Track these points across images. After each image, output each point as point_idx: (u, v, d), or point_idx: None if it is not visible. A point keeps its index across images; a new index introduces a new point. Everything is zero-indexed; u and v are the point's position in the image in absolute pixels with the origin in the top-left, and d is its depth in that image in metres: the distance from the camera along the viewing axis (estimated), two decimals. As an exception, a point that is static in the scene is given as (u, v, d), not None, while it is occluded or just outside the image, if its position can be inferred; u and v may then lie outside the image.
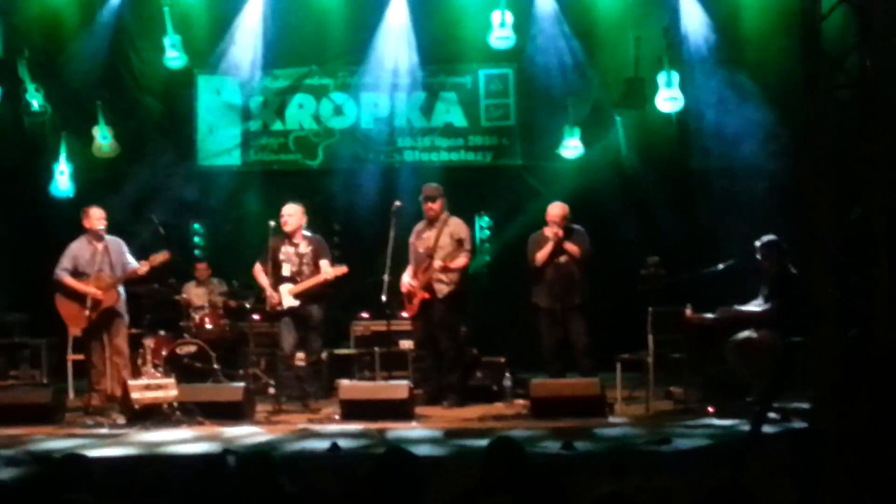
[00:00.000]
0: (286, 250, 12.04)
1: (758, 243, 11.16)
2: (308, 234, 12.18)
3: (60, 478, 6.24)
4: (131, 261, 12.07)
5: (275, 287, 11.96)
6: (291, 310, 11.96)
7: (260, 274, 12.21)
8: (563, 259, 11.99)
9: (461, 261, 11.86)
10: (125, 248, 12.18)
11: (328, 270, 11.94)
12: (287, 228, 12.04)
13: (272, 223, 12.03)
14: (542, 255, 12.00)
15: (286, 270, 11.96)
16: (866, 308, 8.00)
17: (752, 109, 14.18)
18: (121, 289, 12.09)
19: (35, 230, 14.77)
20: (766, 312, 10.91)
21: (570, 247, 11.96)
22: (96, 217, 12.02)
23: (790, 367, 10.31)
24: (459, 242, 11.86)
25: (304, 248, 12.09)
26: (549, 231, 12.00)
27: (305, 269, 12.04)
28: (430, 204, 12.00)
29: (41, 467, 7.96)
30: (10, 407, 11.29)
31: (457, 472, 7.98)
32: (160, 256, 11.93)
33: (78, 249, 12.00)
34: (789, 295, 10.73)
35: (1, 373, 13.61)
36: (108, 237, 12.06)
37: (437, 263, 11.75)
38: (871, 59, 8.20)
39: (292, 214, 12.11)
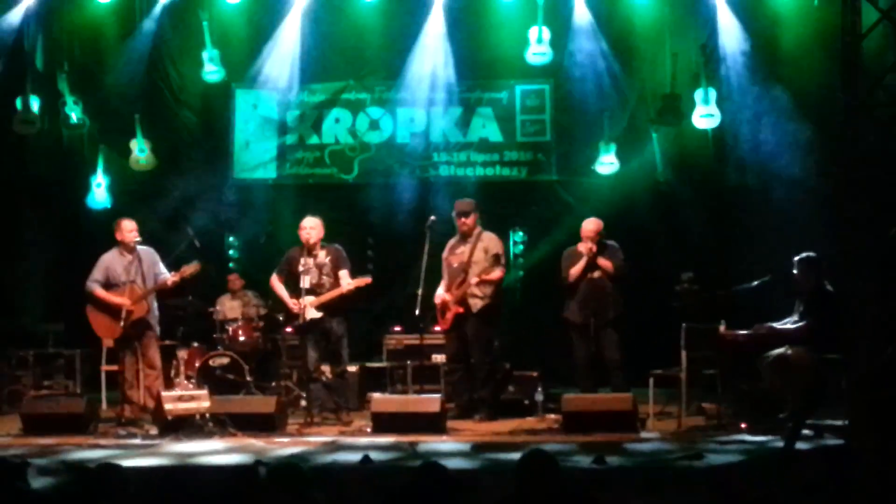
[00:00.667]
0: (305, 262, 11.99)
1: (795, 259, 11.09)
2: (327, 244, 12.17)
3: (96, 487, 6.26)
4: (163, 271, 12.09)
5: (294, 298, 11.96)
6: (313, 322, 11.94)
7: (277, 285, 12.22)
8: (596, 274, 11.99)
9: (496, 273, 11.84)
10: (157, 259, 12.19)
11: (349, 281, 11.89)
12: (310, 241, 12.04)
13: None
14: (575, 271, 11.99)
15: (305, 282, 11.89)
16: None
17: (790, 126, 14.12)
18: (153, 300, 12.10)
19: (72, 242, 14.87)
20: (800, 329, 10.84)
21: (604, 262, 11.94)
22: (128, 229, 12.04)
23: (824, 384, 10.28)
24: (496, 257, 11.85)
25: (324, 258, 12.06)
26: (582, 247, 11.99)
27: (325, 281, 12.00)
28: (463, 219, 12.00)
29: (75, 476, 7.97)
30: (44, 416, 11.36)
31: (488, 486, 7.96)
32: (191, 268, 11.93)
33: (110, 261, 12.04)
34: (824, 312, 10.67)
35: (35, 383, 13.67)
36: (140, 248, 12.07)
37: (474, 279, 11.74)
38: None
39: (314, 227, 12.11)
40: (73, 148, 15.28)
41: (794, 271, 11.08)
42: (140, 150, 14.95)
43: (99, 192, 14.93)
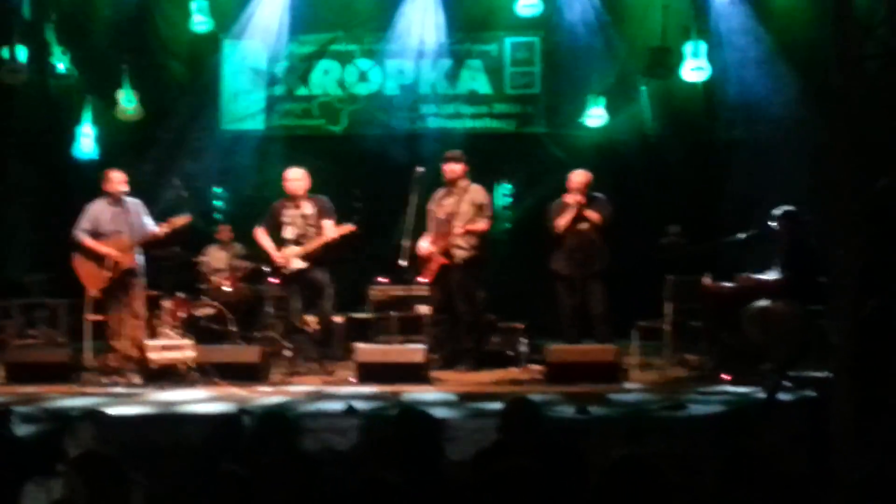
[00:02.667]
0: (290, 213, 11.98)
1: (775, 212, 11.09)
2: (312, 195, 12.12)
3: (79, 434, 6.26)
4: (150, 223, 12.03)
5: (279, 250, 11.92)
6: (298, 273, 11.90)
7: (262, 237, 12.20)
8: (583, 226, 11.98)
9: (482, 225, 11.82)
10: (144, 211, 12.12)
11: (333, 230, 11.87)
12: (296, 192, 12.00)
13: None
14: (562, 222, 11.98)
15: (290, 233, 11.92)
16: (887, 278, 7.96)
17: (780, 79, 14.10)
18: (139, 251, 12.06)
19: (58, 192, 14.78)
20: (779, 281, 10.86)
21: (591, 214, 11.93)
22: (117, 180, 11.96)
23: (807, 336, 10.30)
24: (480, 208, 11.82)
25: (309, 209, 12.04)
26: (570, 198, 11.98)
27: (310, 231, 11.99)
28: (451, 165, 11.97)
29: (58, 424, 7.97)
30: (29, 365, 11.37)
31: (472, 434, 7.98)
32: (181, 219, 11.89)
33: (97, 210, 11.98)
34: (802, 265, 10.68)
35: (20, 332, 13.62)
36: (128, 199, 12.00)
37: (458, 230, 11.72)
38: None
39: (299, 179, 12.09)
40: (61, 98, 15.14)
41: (774, 224, 11.08)
42: (127, 101, 14.85)
43: (86, 143, 14.83)
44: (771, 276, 11.06)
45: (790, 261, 10.89)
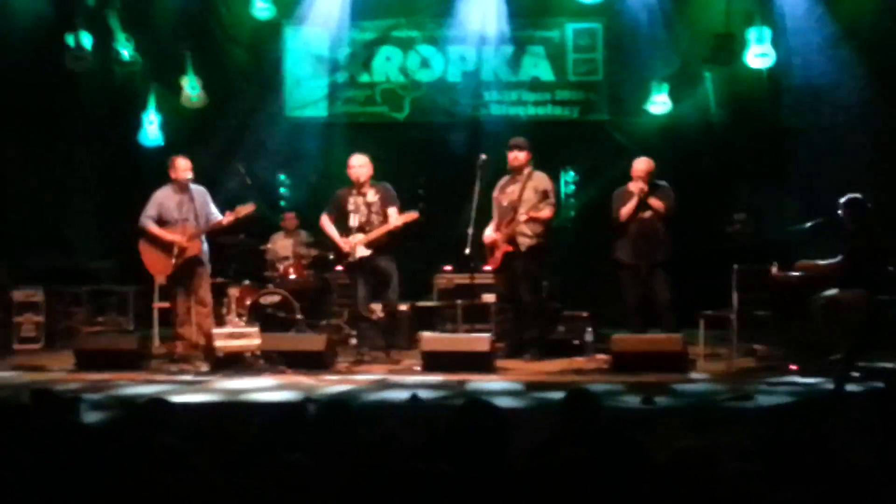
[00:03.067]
0: (354, 200, 11.99)
1: (840, 200, 10.99)
2: (375, 182, 12.15)
3: (145, 422, 6.31)
4: (215, 211, 12.09)
5: (344, 237, 11.97)
6: (363, 261, 11.95)
7: (328, 225, 12.18)
8: (647, 215, 11.92)
9: (546, 212, 11.77)
10: (209, 199, 12.18)
11: (397, 217, 11.89)
12: (359, 179, 12.02)
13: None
14: (626, 210, 11.93)
15: (354, 221, 11.90)
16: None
17: (845, 65, 13.96)
18: (204, 239, 12.14)
19: (124, 179, 14.88)
20: (843, 269, 10.78)
21: (655, 202, 11.87)
22: (182, 167, 12.00)
23: (877, 326, 10.20)
24: (544, 194, 11.75)
25: (372, 196, 12.02)
26: (633, 186, 11.93)
27: (374, 219, 11.96)
28: (516, 153, 11.94)
29: (126, 411, 8.04)
30: (98, 352, 11.50)
31: (536, 425, 7.95)
32: (246, 208, 11.93)
33: (163, 197, 12.05)
34: (867, 253, 10.57)
35: (89, 319, 13.79)
36: (193, 187, 12.05)
37: (523, 217, 11.69)
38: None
39: (363, 165, 12.06)
40: (125, 86, 15.25)
41: (839, 212, 10.98)
42: (191, 88, 14.95)
43: (151, 130, 14.96)
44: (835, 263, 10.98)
45: (855, 249, 10.80)
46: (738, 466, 5.40)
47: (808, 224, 11.38)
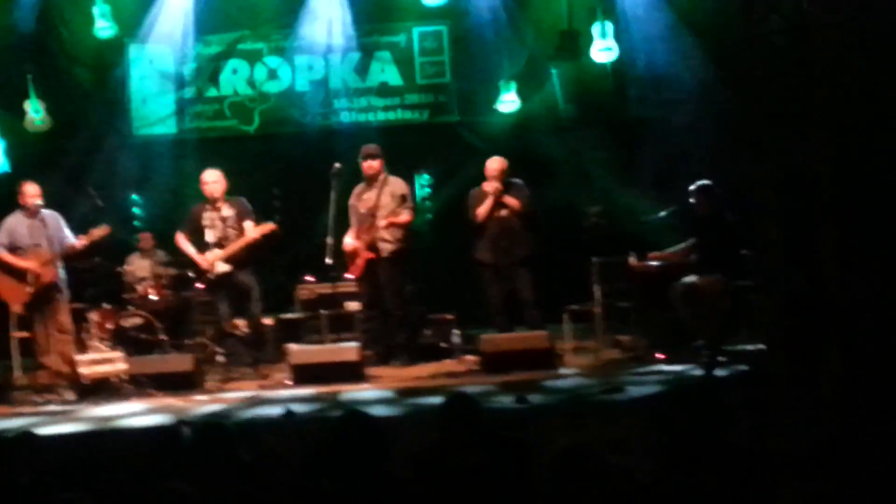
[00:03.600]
0: (209, 216, 11.91)
1: (690, 188, 11.22)
2: (230, 197, 12.05)
3: (13, 457, 6.19)
4: (69, 235, 11.89)
5: (202, 254, 11.85)
6: (223, 276, 11.83)
7: (183, 242, 12.10)
8: (504, 213, 12.00)
9: (405, 216, 11.83)
10: (63, 223, 11.98)
11: (253, 230, 11.81)
12: (213, 195, 11.92)
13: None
14: (482, 210, 11.99)
15: (211, 236, 11.83)
16: (812, 252, 8.08)
17: (688, 56, 14.21)
18: (60, 264, 11.91)
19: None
20: (682, 250, 11.06)
21: (511, 200, 11.96)
22: (31, 193, 11.78)
23: (736, 310, 10.42)
24: (403, 198, 11.81)
25: (227, 211, 11.95)
26: (488, 186, 12.00)
27: (231, 234, 11.90)
28: (370, 162, 11.95)
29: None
30: (-43, 388, 11.23)
31: (413, 432, 7.98)
32: (100, 231, 11.77)
33: (14, 224, 11.82)
34: (720, 238, 10.82)
35: (-56, 355, 13.43)
36: (45, 211, 11.85)
37: (382, 221, 11.71)
38: (808, 3, 8.23)
39: (216, 181, 12.00)
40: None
41: (690, 200, 11.21)
42: (35, 111, 14.61)
43: (-5, 157, 14.63)
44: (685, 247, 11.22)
45: (703, 233, 11.04)
46: (621, 460, 5.49)
47: (662, 213, 11.60)
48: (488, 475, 5.12)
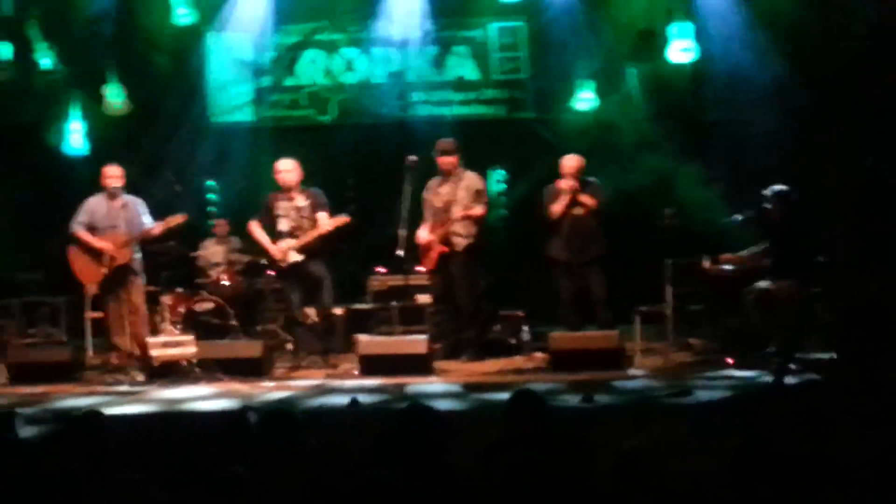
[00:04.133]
0: (284, 205, 11.93)
1: (766, 192, 11.12)
2: (305, 187, 12.10)
3: (80, 435, 6.25)
4: (148, 221, 12.03)
5: (275, 243, 11.91)
6: (295, 266, 11.88)
7: (257, 230, 12.14)
8: (578, 212, 11.98)
9: (479, 210, 11.83)
10: (143, 209, 12.11)
11: (327, 222, 11.85)
12: (288, 184, 11.97)
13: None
14: (557, 208, 11.97)
15: (285, 226, 11.85)
16: (883, 261, 7.99)
17: (767, 59, 14.09)
18: (135, 247, 12.03)
19: (49, 189, 14.68)
20: (755, 255, 10.97)
21: (586, 199, 11.93)
22: (110, 175, 11.93)
23: (809, 317, 10.31)
24: (478, 193, 11.82)
25: (302, 201, 11.98)
26: (563, 184, 11.97)
27: (305, 223, 11.92)
28: (446, 157, 11.97)
29: (62, 425, 7.97)
30: (30, 365, 11.42)
31: (477, 427, 7.96)
32: (177, 218, 11.89)
33: (95, 205, 11.97)
34: (794, 244, 10.72)
35: (20, 331, 13.60)
36: (126, 196, 12.01)
37: (457, 215, 11.71)
38: (887, 9, 8.14)
39: (290, 170, 12.02)
40: (48, 95, 15.04)
41: (766, 204, 11.11)
42: (115, 96, 14.75)
43: (75, 139, 14.75)
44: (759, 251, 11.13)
45: (775, 238, 10.94)
46: (684, 465, 5.45)
47: (738, 217, 11.51)
48: (550, 473, 5.09)
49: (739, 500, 4.93)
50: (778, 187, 11.13)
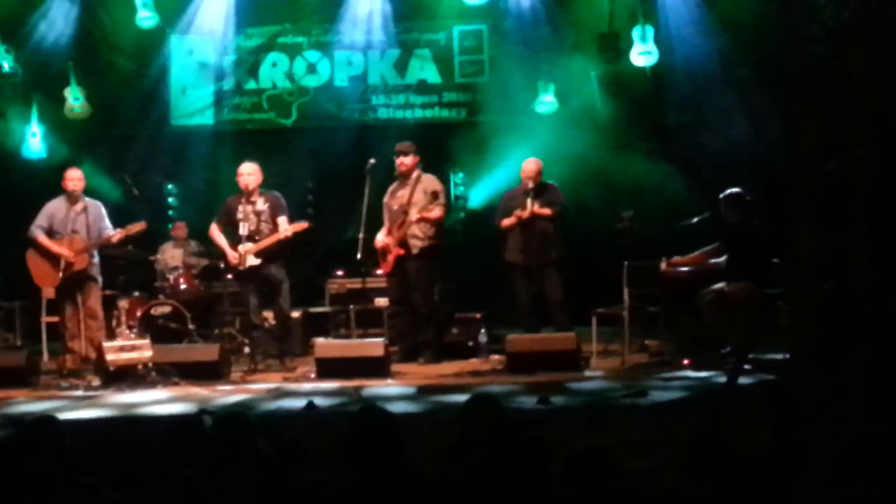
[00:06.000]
0: (243, 209, 11.86)
1: (721, 196, 11.17)
2: (265, 191, 12.07)
3: (33, 440, 6.21)
4: (108, 226, 11.97)
5: (234, 247, 11.87)
6: (253, 269, 11.85)
7: (216, 234, 12.09)
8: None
9: (436, 212, 11.79)
10: (104, 213, 12.06)
11: (287, 227, 11.77)
12: (248, 187, 11.93)
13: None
14: (507, 223, 12.00)
15: (244, 229, 11.75)
16: (843, 260, 8.01)
17: (728, 63, 14.17)
18: (95, 252, 11.98)
19: (7, 193, 14.63)
20: (706, 252, 11.02)
21: (542, 212, 11.91)
22: (70, 178, 11.89)
23: (764, 318, 10.36)
24: (434, 195, 11.78)
25: (262, 205, 11.93)
26: (517, 214, 11.89)
27: (264, 227, 11.87)
28: (402, 158, 11.95)
29: (14, 430, 7.92)
30: (-15, 370, 11.28)
31: (434, 429, 7.97)
32: (136, 226, 11.87)
33: (54, 208, 11.91)
34: (750, 246, 10.77)
35: (-26, 336, 13.54)
36: (88, 200, 11.96)
37: (414, 216, 11.70)
38: (849, 10, 8.16)
39: (251, 173, 11.96)
40: (6, 97, 14.99)
41: (720, 207, 11.16)
42: (75, 99, 14.75)
43: (34, 142, 14.70)
44: (710, 255, 11.17)
45: (732, 242, 10.98)
46: (639, 465, 5.46)
47: (695, 219, 11.56)
48: (506, 474, 5.09)
49: (693, 499, 4.93)
50: (731, 190, 11.17)
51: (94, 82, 15.03)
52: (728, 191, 11.15)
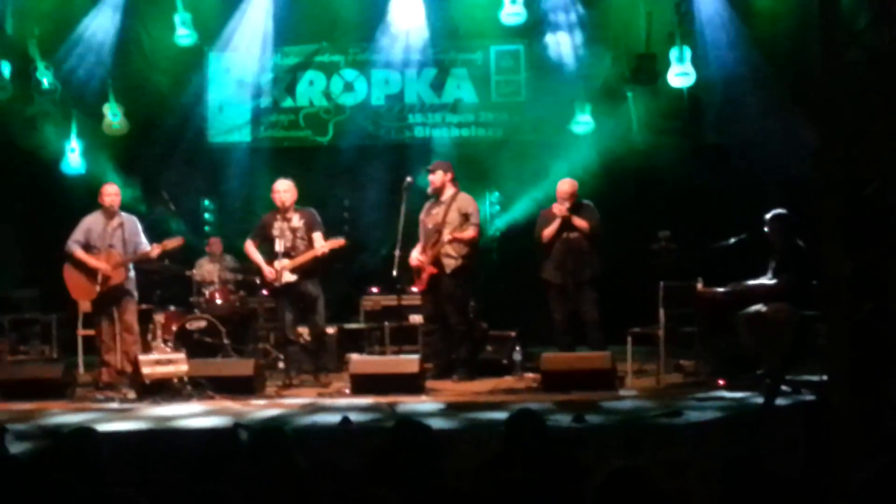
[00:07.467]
0: (279, 225, 11.91)
1: (766, 217, 11.13)
2: (300, 207, 12.11)
3: (70, 452, 6.23)
4: (144, 241, 12.04)
5: (269, 263, 11.91)
6: (289, 285, 11.88)
7: (252, 250, 12.15)
8: (572, 234, 11.97)
9: (469, 233, 11.80)
10: (140, 228, 12.13)
11: (322, 244, 11.84)
12: (284, 204, 11.96)
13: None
14: (548, 232, 12.00)
15: (280, 246, 11.78)
16: (880, 282, 7.97)
17: (766, 84, 14.13)
18: (131, 266, 12.05)
19: (46, 207, 14.77)
20: (776, 286, 10.89)
21: (580, 222, 11.93)
22: (107, 193, 11.99)
23: (801, 340, 10.31)
24: (466, 217, 11.80)
25: (297, 221, 11.98)
26: (556, 208, 11.98)
27: (300, 244, 11.92)
28: (431, 177, 12.00)
29: (52, 441, 7.94)
30: (22, 382, 11.34)
31: (468, 446, 7.97)
32: (174, 241, 11.95)
33: (92, 223, 11.99)
34: (797, 269, 10.72)
35: (12, 348, 13.62)
36: (124, 215, 12.03)
37: (447, 237, 11.73)
38: (889, 33, 8.13)
39: (287, 190, 12.01)
40: (46, 113, 15.08)
41: (766, 229, 11.12)
42: (113, 115, 14.84)
43: (73, 158, 14.82)
44: (764, 280, 11.08)
45: (785, 265, 10.92)
46: (674, 485, 5.43)
47: (731, 240, 11.53)
48: (542, 493, 5.08)
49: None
50: (777, 211, 11.13)
51: (132, 99, 15.11)
52: (773, 211, 11.11)
